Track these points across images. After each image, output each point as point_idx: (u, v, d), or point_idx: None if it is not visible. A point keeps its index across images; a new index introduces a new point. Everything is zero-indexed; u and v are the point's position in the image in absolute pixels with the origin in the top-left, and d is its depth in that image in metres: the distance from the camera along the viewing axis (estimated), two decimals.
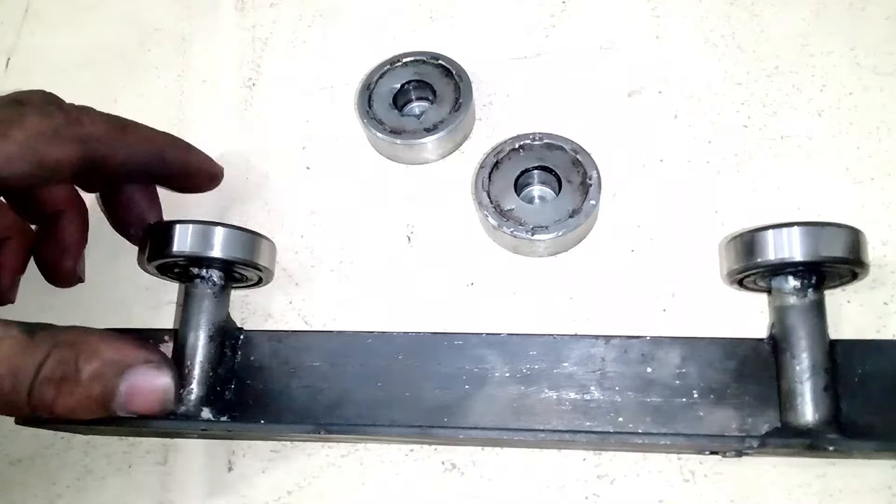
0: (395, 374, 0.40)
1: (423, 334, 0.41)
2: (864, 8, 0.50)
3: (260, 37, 0.56)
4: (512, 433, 0.38)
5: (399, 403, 0.40)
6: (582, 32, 0.52)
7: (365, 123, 0.48)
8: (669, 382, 0.39)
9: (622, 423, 0.38)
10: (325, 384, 0.41)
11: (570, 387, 0.39)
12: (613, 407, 0.38)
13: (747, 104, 0.48)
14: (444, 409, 0.39)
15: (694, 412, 0.38)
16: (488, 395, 0.39)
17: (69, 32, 0.59)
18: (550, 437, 0.38)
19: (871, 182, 0.45)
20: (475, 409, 0.39)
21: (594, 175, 0.44)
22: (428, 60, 0.50)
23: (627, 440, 0.37)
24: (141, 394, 0.33)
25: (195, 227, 0.39)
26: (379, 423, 0.39)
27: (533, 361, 0.40)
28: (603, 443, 0.38)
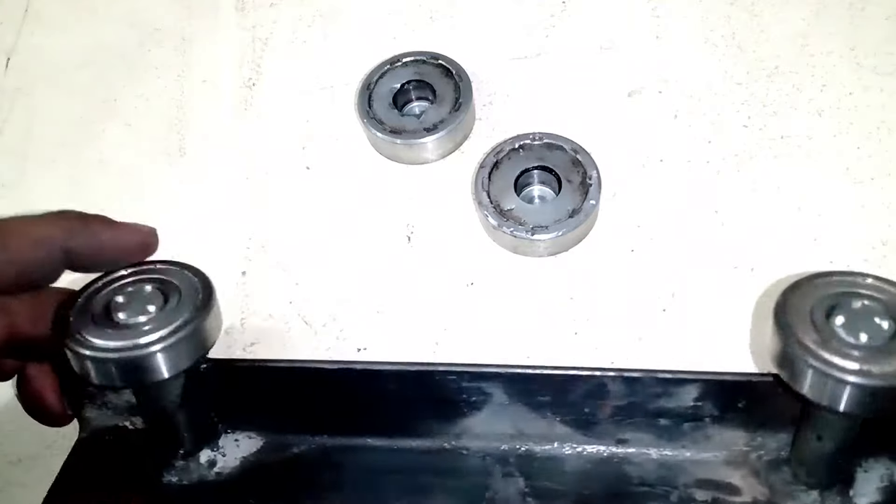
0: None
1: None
2: (864, 8, 0.51)
3: (260, 37, 0.56)
4: None
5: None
6: (582, 32, 0.53)
7: (365, 123, 0.48)
8: None
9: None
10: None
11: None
12: None
13: (747, 104, 0.48)
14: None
15: None
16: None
17: (69, 32, 0.59)
18: None
19: (871, 182, 0.45)
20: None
21: (594, 175, 0.44)
22: (428, 60, 0.50)
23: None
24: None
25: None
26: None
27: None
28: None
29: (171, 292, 0.34)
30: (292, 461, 0.39)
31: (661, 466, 0.37)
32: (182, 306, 0.33)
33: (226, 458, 0.39)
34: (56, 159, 0.53)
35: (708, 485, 0.36)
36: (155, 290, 0.34)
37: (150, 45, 0.57)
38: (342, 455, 0.39)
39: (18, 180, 0.52)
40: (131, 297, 0.33)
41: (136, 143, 0.53)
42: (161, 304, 0.33)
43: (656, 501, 0.36)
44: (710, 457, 0.37)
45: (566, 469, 0.38)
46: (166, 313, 0.33)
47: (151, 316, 0.33)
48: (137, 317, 0.33)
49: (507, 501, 0.37)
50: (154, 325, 0.32)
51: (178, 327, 0.32)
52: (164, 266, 0.35)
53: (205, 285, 0.34)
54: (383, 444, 0.39)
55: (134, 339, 0.32)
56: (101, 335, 0.32)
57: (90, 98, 0.56)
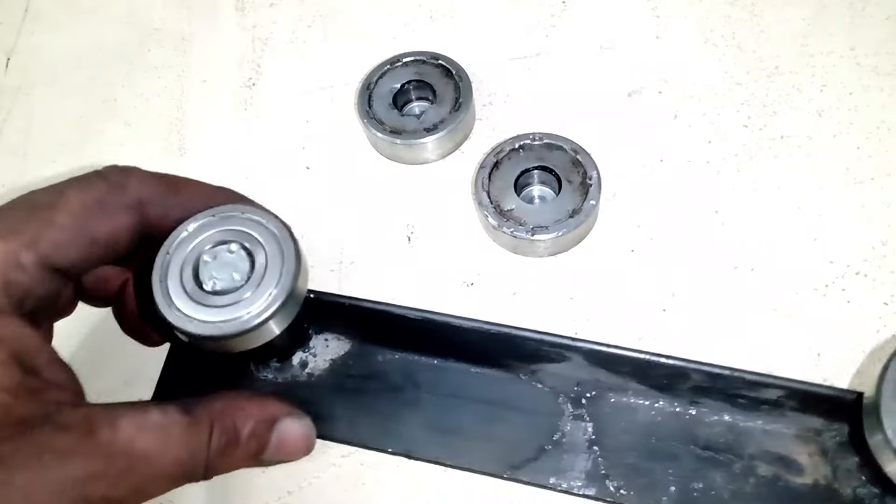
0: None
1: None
2: (864, 8, 0.51)
3: (260, 37, 0.56)
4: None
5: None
6: (582, 32, 0.53)
7: (365, 123, 0.48)
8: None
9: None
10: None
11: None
12: None
13: (747, 104, 0.48)
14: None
15: None
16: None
17: (69, 32, 0.59)
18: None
19: (871, 182, 0.45)
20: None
21: (594, 175, 0.44)
22: (428, 60, 0.50)
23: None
24: (288, 442, 0.35)
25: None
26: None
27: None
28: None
29: (255, 249, 0.33)
30: (376, 370, 0.41)
31: (730, 431, 0.38)
32: (272, 267, 0.32)
33: (316, 360, 0.41)
34: (56, 159, 0.53)
35: (773, 458, 0.37)
36: (239, 250, 0.33)
37: (150, 45, 0.57)
38: (422, 373, 0.41)
39: (18, 180, 0.53)
40: (218, 260, 0.33)
41: (135, 142, 0.53)
42: (248, 267, 0.32)
43: (718, 469, 0.37)
44: (781, 428, 0.37)
45: (636, 420, 0.39)
46: (259, 279, 0.32)
47: (244, 284, 0.32)
48: (230, 284, 0.32)
49: (574, 446, 0.38)
50: (251, 296, 0.32)
51: (276, 296, 0.32)
52: (237, 215, 0.34)
53: (285, 235, 0.33)
54: (462, 368, 0.41)
55: (234, 314, 0.32)
56: (199, 311, 0.32)
57: (90, 98, 0.56)
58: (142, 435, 0.29)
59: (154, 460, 0.30)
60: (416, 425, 0.40)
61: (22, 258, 0.28)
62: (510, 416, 0.40)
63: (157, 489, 0.30)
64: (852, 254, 0.43)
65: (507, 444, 0.39)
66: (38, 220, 0.30)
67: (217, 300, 0.32)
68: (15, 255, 0.28)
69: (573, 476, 0.38)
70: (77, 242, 0.30)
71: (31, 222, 0.29)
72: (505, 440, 0.39)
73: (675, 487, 0.37)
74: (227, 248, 0.33)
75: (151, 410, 0.30)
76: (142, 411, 0.30)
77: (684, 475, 0.37)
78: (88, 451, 0.28)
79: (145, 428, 0.29)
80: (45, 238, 0.29)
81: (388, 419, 0.40)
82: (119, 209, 0.32)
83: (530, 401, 0.40)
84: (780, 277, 0.43)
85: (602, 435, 0.38)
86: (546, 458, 0.38)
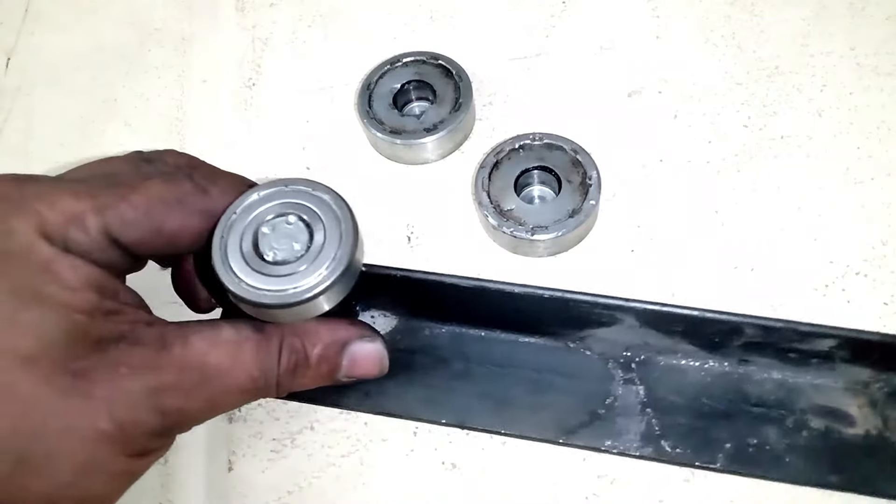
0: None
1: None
2: (864, 8, 0.51)
3: (260, 37, 0.56)
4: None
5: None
6: (582, 32, 0.53)
7: (365, 123, 0.48)
8: None
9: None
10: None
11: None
12: None
13: (747, 104, 0.48)
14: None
15: None
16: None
17: (69, 32, 0.59)
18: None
19: (871, 182, 0.45)
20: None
21: (594, 175, 0.44)
22: (428, 60, 0.50)
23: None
24: (361, 362, 0.36)
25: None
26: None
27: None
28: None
29: (315, 223, 0.33)
30: (424, 344, 0.42)
31: (781, 387, 0.39)
32: (330, 242, 0.33)
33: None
34: (57, 159, 0.53)
35: (824, 412, 0.38)
36: (298, 222, 0.33)
37: (150, 45, 0.57)
38: (470, 344, 0.41)
39: None
40: (277, 231, 0.33)
41: (136, 142, 0.53)
42: (307, 239, 0.33)
43: (771, 424, 0.38)
44: (830, 382, 0.38)
45: (686, 382, 0.39)
46: (317, 252, 0.32)
47: (302, 255, 0.32)
48: (289, 255, 0.32)
49: (626, 410, 0.39)
50: (307, 268, 0.32)
51: (333, 270, 0.32)
52: (303, 189, 0.34)
53: (345, 211, 0.34)
54: (510, 339, 0.41)
55: (290, 285, 0.32)
56: (256, 278, 0.32)
57: (90, 98, 0.56)
58: (214, 350, 0.31)
59: (226, 374, 0.31)
60: (468, 396, 0.40)
61: (87, 220, 0.30)
62: (561, 384, 0.40)
63: (231, 403, 0.32)
64: (852, 254, 0.43)
65: (560, 411, 0.40)
66: (115, 192, 0.31)
67: (275, 269, 0.32)
68: (82, 215, 0.30)
69: (628, 438, 0.39)
70: (143, 225, 0.31)
71: (107, 192, 0.30)
72: (557, 407, 0.40)
73: (729, 444, 0.38)
74: (286, 220, 0.33)
75: (224, 327, 0.32)
76: (214, 328, 0.32)
77: (738, 432, 0.38)
78: (162, 364, 0.30)
79: (217, 344, 0.31)
80: (114, 210, 0.30)
81: (440, 391, 0.41)
82: (194, 212, 0.32)
83: (580, 368, 0.40)
84: (780, 277, 0.43)
85: (653, 397, 0.39)
86: (600, 422, 0.39)
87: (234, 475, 0.42)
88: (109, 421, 0.29)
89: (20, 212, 0.29)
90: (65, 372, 0.29)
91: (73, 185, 0.30)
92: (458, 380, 0.41)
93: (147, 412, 0.30)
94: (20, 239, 0.29)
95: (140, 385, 0.30)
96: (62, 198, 0.30)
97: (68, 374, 0.29)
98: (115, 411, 0.29)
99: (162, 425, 0.31)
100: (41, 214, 0.29)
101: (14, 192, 0.30)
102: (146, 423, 0.30)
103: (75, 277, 0.29)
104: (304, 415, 0.43)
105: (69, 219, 0.29)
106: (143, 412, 0.30)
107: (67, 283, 0.29)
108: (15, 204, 0.29)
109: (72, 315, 0.29)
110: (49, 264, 0.29)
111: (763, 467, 0.37)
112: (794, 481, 0.37)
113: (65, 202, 0.29)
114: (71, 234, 0.29)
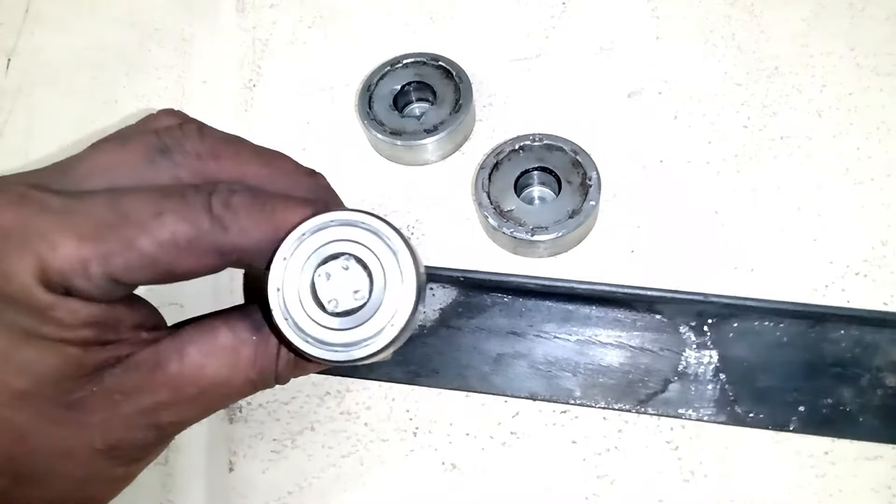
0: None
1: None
2: (864, 8, 0.51)
3: (260, 38, 0.56)
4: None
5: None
6: (582, 33, 0.53)
7: (365, 125, 0.48)
8: None
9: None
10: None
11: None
12: None
13: (747, 105, 0.48)
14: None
15: None
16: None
17: (70, 33, 0.59)
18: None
19: (870, 182, 0.45)
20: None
21: (594, 176, 0.44)
22: (428, 62, 0.50)
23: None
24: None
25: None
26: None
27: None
28: None
29: (370, 261, 0.30)
30: (487, 316, 0.41)
31: (857, 344, 0.38)
32: (391, 282, 0.30)
33: (426, 311, 0.42)
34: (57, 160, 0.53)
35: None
36: (354, 264, 0.30)
37: (150, 46, 0.57)
38: (534, 315, 0.41)
39: None
40: (333, 278, 0.30)
41: None
42: (367, 284, 0.30)
43: (847, 384, 0.38)
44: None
45: (760, 343, 0.39)
46: (380, 299, 0.30)
47: (365, 304, 0.30)
48: (350, 304, 0.30)
49: (699, 376, 0.39)
50: (374, 318, 0.30)
51: (399, 316, 0.30)
52: (352, 230, 0.31)
53: (397, 240, 0.30)
54: (575, 308, 0.41)
55: (360, 337, 0.30)
56: (323, 333, 0.30)
57: (91, 98, 0.56)
58: (211, 360, 0.31)
59: (224, 383, 0.31)
60: (535, 368, 0.40)
61: (90, 268, 0.28)
62: (632, 353, 0.40)
63: (229, 403, 0.33)
64: (852, 254, 0.43)
65: (632, 380, 0.39)
66: (122, 237, 0.28)
67: (338, 322, 0.30)
68: (85, 263, 0.28)
69: (702, 405, 0.39)
70: (151, 270, 0.29)
71: (114, 235, 0.28)
72: (629, 375, 0.40)
73: (803, 407, 0.38)
74: (342, 265, 0.30)
75: (221, 331, 0.31)
76: (211, 334, 0.31)
77: (812, 393, 0.38)
78: (157, 384, 0.30)
79: (214, 353, 0.31)
80: (120, 257, 0.28)
81: (507, 364, 0.41)
82: (209, 252, 0.29)
83: (652, 334, 0.40)
84: (780, 278, 0.43)
85: (727, 361, 0.39)
86: (673, 389, 0.39)
87: (234, 475, 0.42)
88: (103, 442, 0.30)
89: (21, 253, 0.27)
90: (58, 405, 0.29)
91: (78, 224, 0.28)
92: (524, 351, 0.41)
93: (142, 430, 0.30)
94: (18, 282, 0.27)
95: (134, 408, 0.30)
96: (66, 240, 0.27)
97: (62, 407, 0.29)
98: (110, 434, 0.30)
99: (158, 437, 0.31)
100: (42, 260, 0.27)
101: (17, 228, 0.28)
102: (141, 439, 0.31)
103: (72, 319, 0.28)
104: (304, 415, 0.43)
105: (71, 266, 0.28)
106: (137, 431, 0.30)
107: (64, 323, 0.28)
108: (16, 244, 0.28)
109: (66, 350, 0.28)
110: (46, 310, 0.28)
111: (837, 428, 0.37)
112: (870, 439, 0.37)
113: (68, 247, 0.27)
114: (73, 282, 0.28)
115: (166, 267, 0.29)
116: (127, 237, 0.28)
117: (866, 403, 0.37)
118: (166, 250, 0.28)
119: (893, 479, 0.38)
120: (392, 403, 0.42)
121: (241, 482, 0.42)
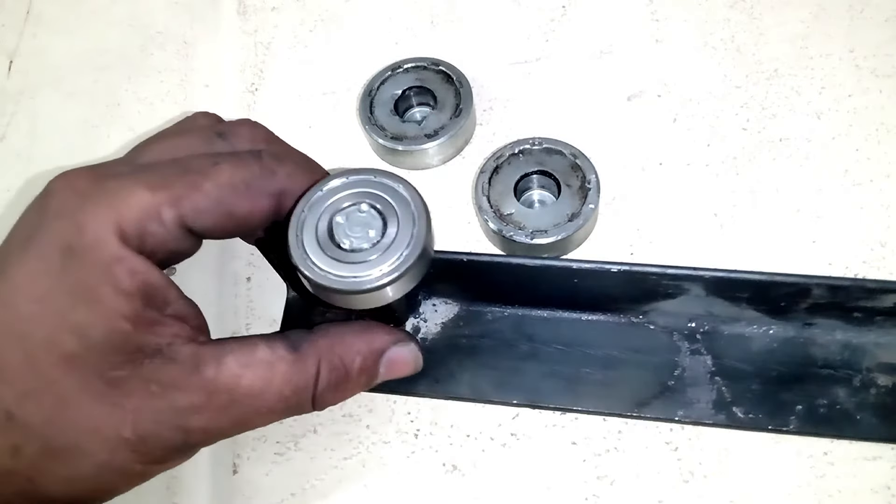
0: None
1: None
2: (863, 10, 0.51)
3: (262, 41, 0.56)
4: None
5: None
6: (582, 37, 0.53)
7: (366, 129, 0.49)
8: None
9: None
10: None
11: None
12: None
13: (746, 107, 0.49)
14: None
15: None
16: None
17: (71, 35, 0.59)
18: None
19: (869, 184, 0.45)
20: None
21: (593, 179, 0.44)
22: (429, 66, 0.50)
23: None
24: (396, 366, 0.37)
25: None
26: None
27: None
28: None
29: (387, 212, 0.34)
30: (488, 328, 0.42)
31: (846, 348, 0.39)
32: (402, 232, 0.33)
33: (427, 325, 0.43)
34: (59, 163, 0.53)
35: (890, 369, 0.38)
36: (370, 210, 0.34)
37: (152, 49, 0.58)
38: (534, 325, 0.42)
39: (22, 184, 0.53)
40: (351, 220, 0.34)
41: None
42: (380, 226, 0.34)
43: (839, 385, 0.38)
44: (894, 340, 0.39)
45: (752, 349, 0.40)
46: (390, 241, 0.33)
47: (376, 243, 0.33)
48: (364, 243, 0.33)
49: (696, 380, 0.39)
50: (381, 257, 0.33)
51: (404, 260, 0.33)
52: (370, 178, 0.35)
53: (417, 201, 0.35)
54: (573, 318, 0.42)
55: (365, 272, 0.32)
56: (331, 264, 0.33)
57: (93, 101, 0.56)
58: (247, 372, 0.31)
59: (257, 397, 0.32)
60: (536, 376, 0.41)
61: (163, 213, 0.30)
62: (628, 359, 0.41)
63: (261, 422, 0.33)
64: (852, 256, 0.43)
65: (629, 385, 0.40)
66: (187, 182, 0.31)
67: (348, 256, 0.33)
68: (158, 208, 0.30)
69: (700, 407, 0.39)
70: (215, 212, 0.32)
71: (180, 182, 0.31)
72: (626, 382, 0.40)
73: (801, 406, 0.38)
74: (360, 209, 0.34)
75: (259, 347, 0.32)
76: (250, 348, 0.32)
77: (807, 394, 0.38)
78: (192, 385, 0.31)
79: (251, 365, 0.32)
80: (188, 200, 0.31)
81: (507, 373, 0.41)
82: (262, 194, 0.33)
83: (646, 342, 0.41)
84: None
85: (721, 366, 0.40)
86: (670, 393, 0.39)
87: (238, 478, 0.42)
88: (133, 432, 0.30)
89: (96, 208, 0.30)
90: (100, 378, 0.30)
91: (147, 177, 0.31)
92: (524, 361, 0.41)
93: (170, 430, 0.31)
94: (91, 235, 0.29)
95: (167, 404, 0.30)
96: (138, 192, 0.30)
97: (103, 381, 0.30)
98: (140, 424, 0.30)
99: (184, 442, 0.32)
100: (118, 211, 0.30)
101: (92, 187, 0.30)
102: (168, 438, 0.31)
103: (130, 282, 0.29)
104: (306, 418, 0.43)
105: (146, 213, 0.30)
106: (166, 429, 0.31)
107: (121, 286, 0.29)
108: (92, 200, 0.30)
109: (117, 321, 0.29)
110: (110, 265, 0.29)
111: (835, 426, 0.38)
112: (868, 438, 0.38)
113: (141, 196, 0.30)
114: (148, 228, 0.30)
115: (228, 208, 0.32)
116: (192, 181, 0.31)
117: (862, 402, 0.38)
118: (226, 192, 0.32)
119: (893, 480, 0.38)
120: (394, 406, 0.42)
121: (244, 484, 0.42)
